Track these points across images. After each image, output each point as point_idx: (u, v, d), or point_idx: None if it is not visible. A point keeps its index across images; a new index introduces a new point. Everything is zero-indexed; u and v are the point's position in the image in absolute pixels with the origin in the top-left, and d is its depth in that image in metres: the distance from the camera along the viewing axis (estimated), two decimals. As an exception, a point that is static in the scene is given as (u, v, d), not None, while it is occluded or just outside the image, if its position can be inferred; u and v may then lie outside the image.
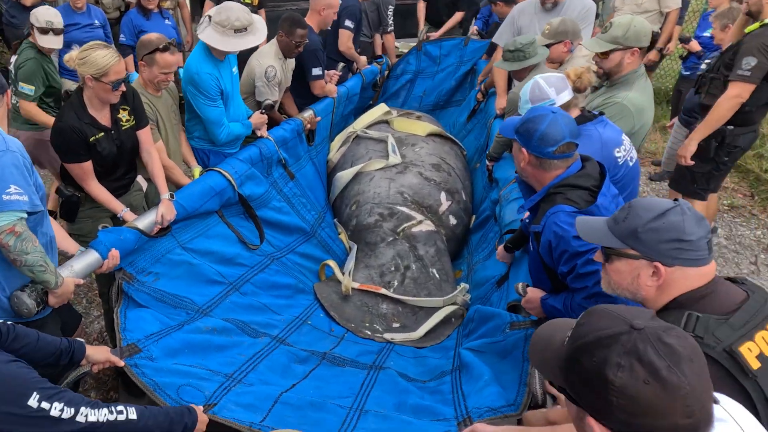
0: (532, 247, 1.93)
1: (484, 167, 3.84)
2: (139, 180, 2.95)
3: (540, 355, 1.00)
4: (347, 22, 4.17)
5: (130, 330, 2.12)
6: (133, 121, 2.61)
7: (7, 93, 2.02)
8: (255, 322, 2.62)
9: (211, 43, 2.93)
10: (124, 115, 2.56)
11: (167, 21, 4.54)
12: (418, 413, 2.01)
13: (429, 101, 5.37)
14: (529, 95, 2.28)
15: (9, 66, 3.56)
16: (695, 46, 4.61)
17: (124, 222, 2.50)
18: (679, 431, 0.81)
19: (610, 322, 0.88)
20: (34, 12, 3.36)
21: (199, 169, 3.17)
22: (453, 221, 3.60)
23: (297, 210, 3.54)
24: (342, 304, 3.10)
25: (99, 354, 1.83)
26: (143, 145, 2.69)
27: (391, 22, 5.05)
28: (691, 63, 4.72)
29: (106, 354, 1.85)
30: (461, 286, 3.15)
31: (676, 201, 1.26)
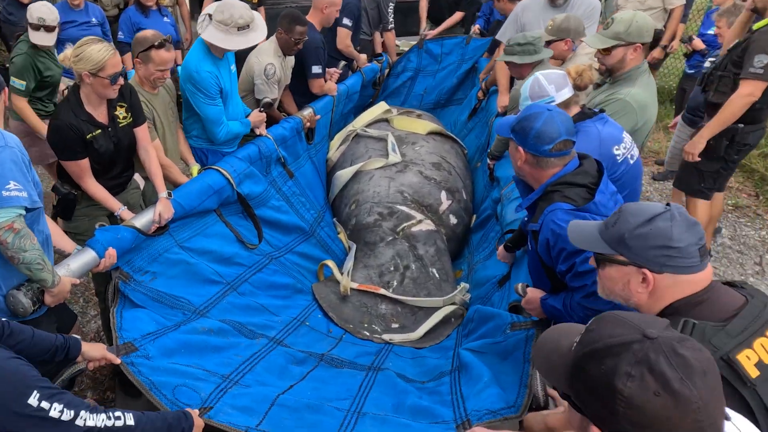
0: (531, 246, 1.92)
1: (485, 166, 3.81)
2: (137, 178, 2.94)
3: (545, 359, 0.97)
4: (345, 20, 4.13)
5: (127, 329, 2.10)
6: (131, 118, 2.59)
7: (5, 90, 2.01)
8: (252, 323, 2.60)
9: (215, 41, 2.90)
10: (121, 112, 2.54)
11: (166, 18, 4.52)
12: (416, 415, 1.98)
13: (430, 100, 5.34)
14: (528, 92, 2.26)
15: (7, 64, 3.55)
16: (699, 44, 4.56)
17: (122, 220, 2.48)
18: None
19: (622, 329, 0.85)
20: (29, 7, 3.35)
21: (197, 167, 3.15)
22: (453, 220, 3.57)
23: (296, 209, 3.51)
24: (340, 304, 3.07)
25: (95, 351, 1.83)
26: (140, 143, 2.67)
27: (391, 20, 5.02)
28: (695, 61, 4.68)
29: (102, 351, 1.84)
30: (461, 286, 3.12)
31: (667, 206, 1.23)
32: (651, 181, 5.02)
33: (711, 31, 4.49)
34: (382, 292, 3.09)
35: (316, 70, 3.81)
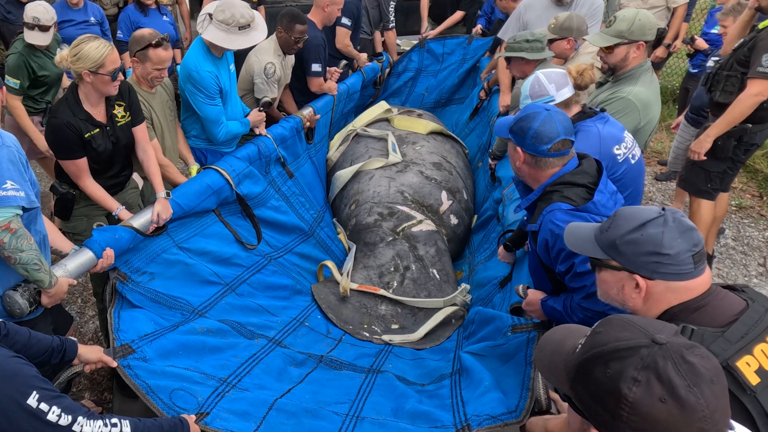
0: (530, 246, 1.90)
1: (486, 166, 3.79)
2: (135, 177, 2.92)
3: (547, 360, 0.96)
4: (344, 20, 4.11)
5: (124, 330, 2.09)
6: (129, 117, 2.57)
7: (2, 90, 1.99)
8: (251, 323, 2.58)
9: (216, 41, 2.89)
10: (119, 111, 2.53)
11: (165, 17, 4.49)
12: (415, 419, 1.96)
13: (430, 99, 5.31)
14: (528, 91, 2.26)
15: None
16: (702, 44, 4.52)
17: (119, 220, 2.46)
18: None
19: (631, 333, 0.84)
20: (26, 7, 3.34)
21: (196, 166, 3.14)
22: (454, 221, 3.54)
23: (295, 209, 3.49)
24: (340, 305, 3.05)
25: (91, 353, 1.81)
26: (139, 143, 2.65)
27: (392, 19, 4.99)
28: (699, 60, 4.64)
29: (98, 354, 1.83)
30: (462, 287, 3.10)
31: (663, 210, 1.21)
32: (654, 181, 4.99)
33: (714, 30, 4.45)
34: (382, 292, 3.06)
35: (316, 68, 3.79)
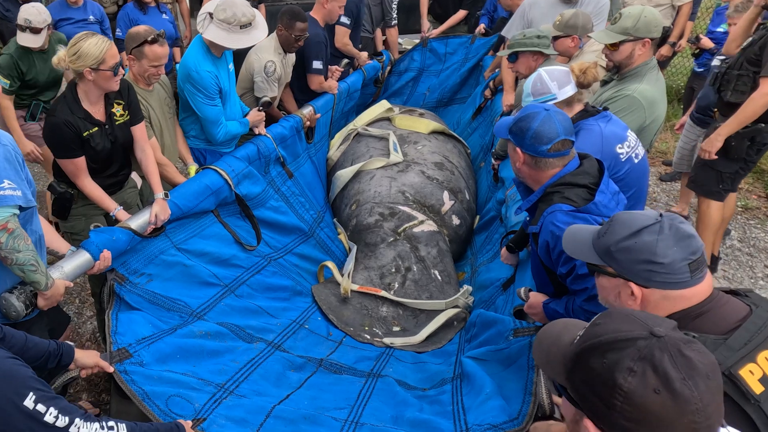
0: (531, 248, 1.88)
1: (489, 166, 3.75)
2: (134, 177, 2.89)
3: (545, 351, 0.96)
4: (343, 18, 4.07)
5: (122, 333, 2.07)
6: (128, 116, 2.55)
7: None
8: (250, 326, 2.55)
9: (218, 41, 2.86)
10: (118, 109, 2.50)
11: (164, 15, 4.45)
12: (416, 427, 1.93)
13: (432, 98, 5.27)
14: (530, 88, 2.23)
15: None
16: (707, 42, 4.47)
17: (117, 221, 2.44)
18: None
19: (630, 325, 0.84)
20: (21, 8, 3.32)
21: (195, 166, 3.11)
22: (456, 221, 3.50)
23: (295, 209, 3.46)
24: (341, 306, 3.01)
25: (88, 358, 1.80)
26: (138, 142, 2.62)
27: (395, 16, 4.96)
28: (704, 59, 4.58)
29: (95, 358, 1.82)
30: (464, 288, 3.06)
31: (660, 216, 1.19)
32: (658, 181, 4.94)
33: (720, 29, 4.41)
34: (383, 294, 3.03)
35: (317, 65, 3.75)
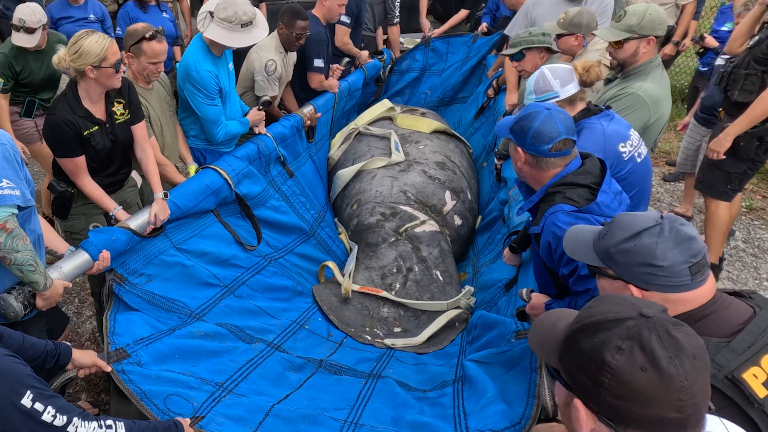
0: (533, 250, 1.86)
1: (491, 166, 3.72)
2: (134, 176, 2.87)
3: (540, 337, 0.97)
4: (343, 17, 4.05)
5: (119, 334, 2.05)
6: (128, 115, 2.53)
7: None
8: (250, 327, 2.53)
9: (219, 39, 2.84)
10: (119, 108, 2.49)
11: (165, 14, 4.42)
12: (416, 430, 1.91)
13: (434, 97, 5.24)
14: (533, 86, 2.22)
15: None
16: (712, 41, 4.43)
17: (116, 221, 2.42)
18: (665, 423, 0.78)
19: (620, 307, 0.86)
20: (16, 8, 3.31)
21: (194, 166, 3.09)
22: (458, 221, 3.48)
23: (296, 209, 3.44)
24: (341, 307, 2.99)
25: (86, 358, 1.79)
26: (138, 141, 2.61)
27: (397, 14, 4.93)
28: (709, 59, 4.55)
29: (93, 358, 1.81)
30: (466, 289, 3.03)
31: (660, 218, 1.17)
32: (662, 182, 4.90)
33: (725, 28, 4.37)
34: (385, 294, 3.01)
35: (318, 63, 3.73)
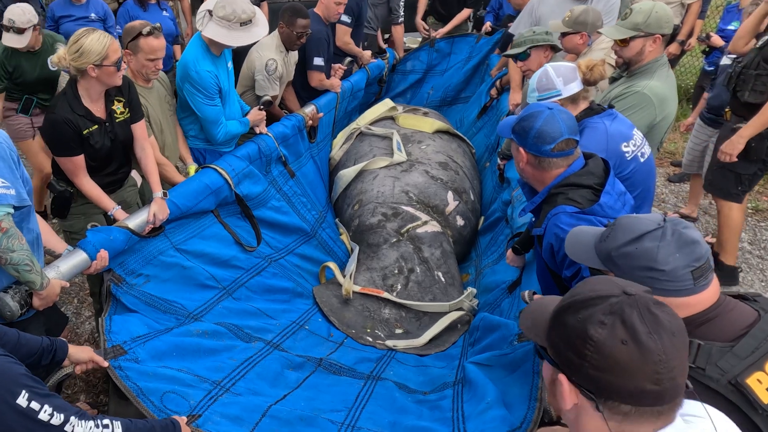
0: (536, 251, 1.83)
1: (494, 166, 3.69)
2: (134, 175, 2.85)
3: (531, 319, 0.99)
4: (344, 17, 4.04)
5: (116, 332, 2.04)
6: (128, 113, 2.51)
7: None
8: (249, 326, 2.51)
9: (217, 38, 2.82)
10: (119, 107, 2.47)
11: (165, 12, 4.41)
12: None
13: (436, 97, 5.23)
14: (536, 83, 2.20)
15: None
16: (718, 40, 4.38)
17: (115, 221, 2.40)
18: (643, 395, 0.81)
19: (605, 286, 0.89)
20: (7, 8, 3.31)
21: (194, 166, 3.07)
22: (460, 222, 3.45)
23: (297, 209, 3.41)
24: (342, 308, 2.96)
25: (82, 353, 1.78)
26: (137, 140, 2.59)
27: (401, 13, 4.91)
28: (714, 58, 4.50)
29: (89, 354, 1.80)
30: (468, 291, 3.00)
31: (663, 221, 1.15)
32: (667, 183, 4.85)
33: (731, 27, 4.32)
34: (386, 295, 2.98)
35: (318, 61, 3.71)
